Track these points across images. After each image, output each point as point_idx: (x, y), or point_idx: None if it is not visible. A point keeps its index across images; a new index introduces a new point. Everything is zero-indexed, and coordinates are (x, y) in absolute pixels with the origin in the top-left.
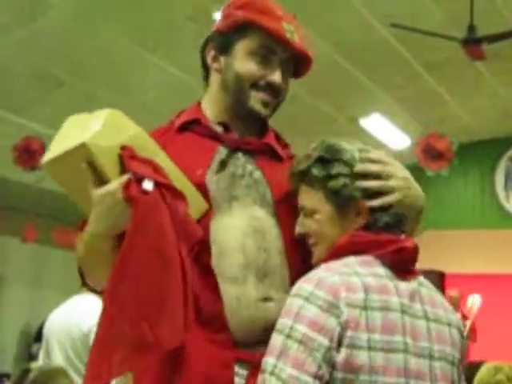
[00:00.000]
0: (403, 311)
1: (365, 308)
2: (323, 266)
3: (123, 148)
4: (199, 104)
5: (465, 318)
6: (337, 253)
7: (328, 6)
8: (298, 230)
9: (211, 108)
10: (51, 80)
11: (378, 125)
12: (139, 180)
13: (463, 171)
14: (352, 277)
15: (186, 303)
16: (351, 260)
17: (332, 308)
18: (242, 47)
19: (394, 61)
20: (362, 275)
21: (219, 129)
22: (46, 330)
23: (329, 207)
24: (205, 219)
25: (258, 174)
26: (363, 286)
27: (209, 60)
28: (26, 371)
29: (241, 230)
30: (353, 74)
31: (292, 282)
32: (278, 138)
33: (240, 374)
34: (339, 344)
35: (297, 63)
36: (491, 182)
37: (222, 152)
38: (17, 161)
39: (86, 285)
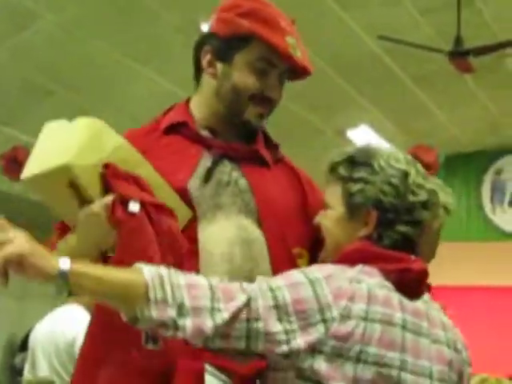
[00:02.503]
0: (404, 327)
1: (365, 319)
2: (339, 266)
3: (106, 166)
4: (187, 104)
5: None
6: (346, 258)
7: (316, 19)
8: (314, 220)
9: (200, 111)
10: (40, 91)
11: (365, 137)
12: (124, 201)
13: (450, 183)
14: (361, 284)
15: None
16: (360, 269)
17: (326, 311)
18: (241, 58)
19: (382, 73)
20: (369, 284)
21: (206, 133)
22: (31, 341)
23: (342, 208)
24: (191, 228)
25: (243, 182)
26: (368, 295)
27: (204, 63)
28: None
29: (227, 239)
30: (340, 86)
31: None
32: (266, 138)
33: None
34: (314, 349)
35: (294, 72)
36: (477, 194)
37: (207, 158)
38: (4, 170)
39: (71, 295)
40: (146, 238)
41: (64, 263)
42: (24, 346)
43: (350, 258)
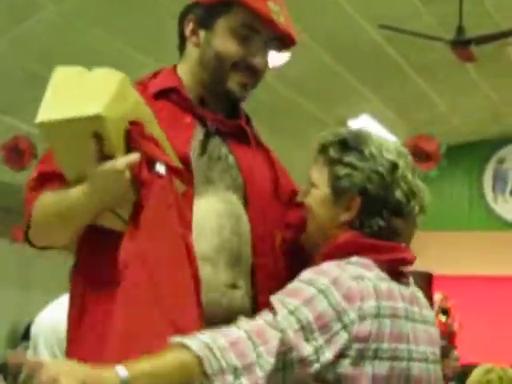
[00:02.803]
0: (406, 317)
1: (377, 316)
2: (334, 263)
3: (132, 123)
4: (174, 70)
5: (453, 320)
6: (338, 251)
7: (318, 9)
8: (299, 197)
9: (187, 79)
10: (40, 80)
11: (366, 126)
12: (150, 162)
13: (452, 173)
14: (365, 281)
15: (197, 291)
16: (356, 261)
17: (344, 316)
18: (223, 24)
19: (383, 62)
20: (372, 279)
21: (196, 103)
22: (33, 330)
23: (327, 189)
24: (188, 197)
25: (231, 158)
26: (375, 291)
27: (187, 32)
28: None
29: (217, 212)
30: (342, 76)
31: (259, 273)
32: (248, 122)
33: None
34: (340, 355)
35: (279, 41)
36: (479, 183)
37: (199, 130)
38: (5, 160)
39: None
40: (169, 201)
41: (122, 372)
42: (26, 335)
43: (342, 251)
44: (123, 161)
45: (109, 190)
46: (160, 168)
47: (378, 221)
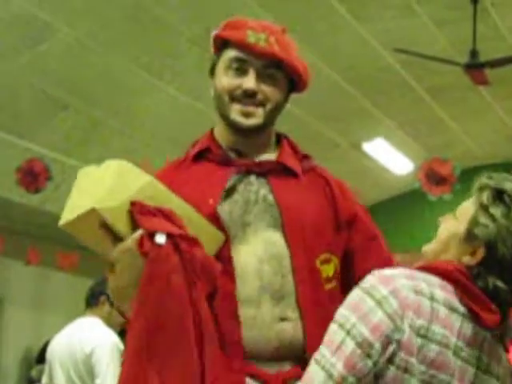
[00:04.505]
0: (455, 353)
1: (424, 336)
2: (407, 271)
3: (133, 204)
4: (212, 131)
5: None
6: (440, 273)
7: (332, 32)
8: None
9: (219, 133)
10: (56, 104)
11: (381, 149)
12: (151, 234)
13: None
14: (426, 300)
15: (201, 351)
16: (434, 280)
17: (398, 322)
18: (220, 66)
19: (398, 86)
20: (436, 301)
21: (232, 154)
22: (48, 352)
23: (463, 226)
24: (224, 249)
25: (270, 197)
26: (431, 313)
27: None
28: None
29: (257, 256)
30: (356, 99)
31: (303, 302)
32: (294, 149)
33: None
34: (389, 361)
35: (292, 77)
36: None
37: (234, 178)
38: (20, 183)
39: (89, 308)
40: (168, 267)
41: None
42: (41, 358)
43: (443, 274)
44: (129, 239)
45: (129, 269)
46: (160, 238)
47: (496, 281)
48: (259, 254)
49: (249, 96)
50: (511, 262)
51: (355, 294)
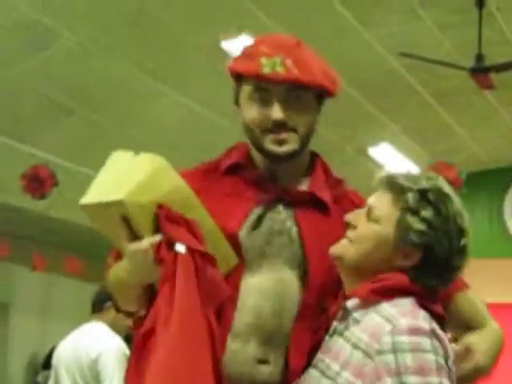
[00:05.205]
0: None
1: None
2: (414, 312)
3: (159, 207)
4: (247, 146)
5: None
6: (391, 289)
7: (337, 37)
8: (348, 216)
9: (255, 153)
10: (60, 109)
11: (386, 154)
12: (171, 243)
13: (472, 201)
14: (432, 323)
15: (216, 369)
16: (424, 316)
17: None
18: (242, 97)
19: (403, 90)
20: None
21: (266, 176)
22: (54, 358)
23: (391, 230)
24: (235, 275)
25: (295, 230)
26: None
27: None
28: None
29: (260, 293)
30: (361, 104)
31: (293, 351)
32: (327, 172)
33: None
34: None
35: (308, 91)
36: (499, 211)
37: (261, 204)
38: (25, 189)
39: (95, 313)
40: (186, 278)
41: None
42: (47, 363)
43: (395, 291)
44: (147, 241)
45: (139, 269)
46: (180, 247)
47: (432, 280)
48: (265, 291)
49: (279, 126)
50: (447, 262)
51: (408, 358)
